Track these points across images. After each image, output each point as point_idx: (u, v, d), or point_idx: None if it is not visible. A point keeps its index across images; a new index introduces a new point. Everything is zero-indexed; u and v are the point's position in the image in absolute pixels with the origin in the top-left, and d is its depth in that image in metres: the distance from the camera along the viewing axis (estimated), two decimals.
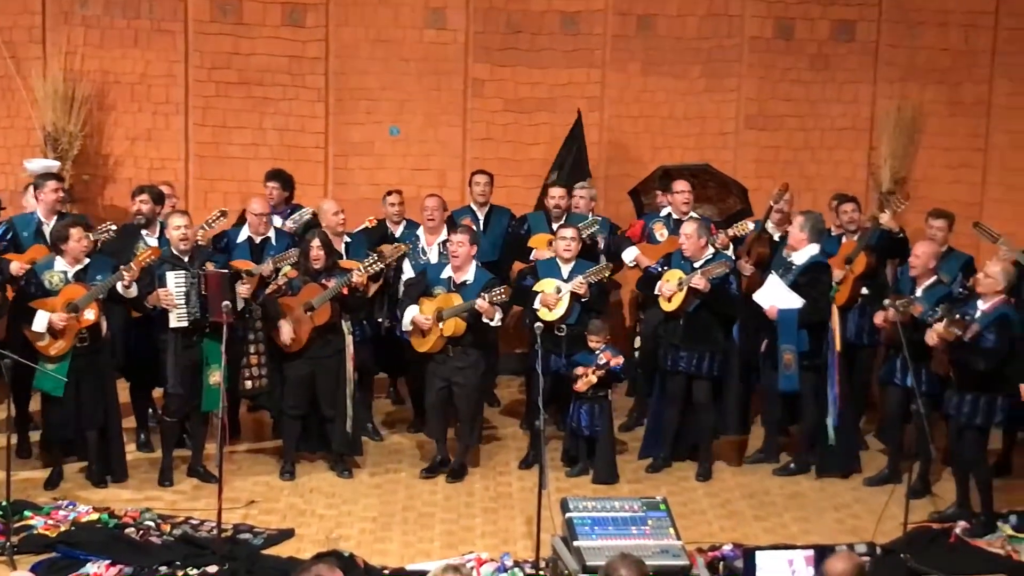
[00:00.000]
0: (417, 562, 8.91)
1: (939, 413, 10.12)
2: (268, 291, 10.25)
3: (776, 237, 11.26)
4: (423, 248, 11.19)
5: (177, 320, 9.84)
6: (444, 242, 11.09)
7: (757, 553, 7.75)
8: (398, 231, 11.38)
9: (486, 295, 10.05)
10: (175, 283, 9.81)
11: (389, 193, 11.53)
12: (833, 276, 10.53)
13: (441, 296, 10.27)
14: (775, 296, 10.37)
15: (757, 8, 12.78)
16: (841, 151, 12.89)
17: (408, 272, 11.01)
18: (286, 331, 10.06)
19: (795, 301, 10.30)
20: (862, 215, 11.28)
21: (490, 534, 9.50)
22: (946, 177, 12.62)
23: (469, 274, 10.35)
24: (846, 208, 11.16)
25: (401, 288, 10.90)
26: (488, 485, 10.37)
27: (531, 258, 11.22)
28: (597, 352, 10.33)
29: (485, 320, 10.15)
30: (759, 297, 10.42)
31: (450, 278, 10.36)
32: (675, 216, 11.39)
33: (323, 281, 10.16)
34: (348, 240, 11.08)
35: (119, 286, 9.66)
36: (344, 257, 10.76)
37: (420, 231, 11.29)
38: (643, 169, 12.54)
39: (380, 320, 11.19)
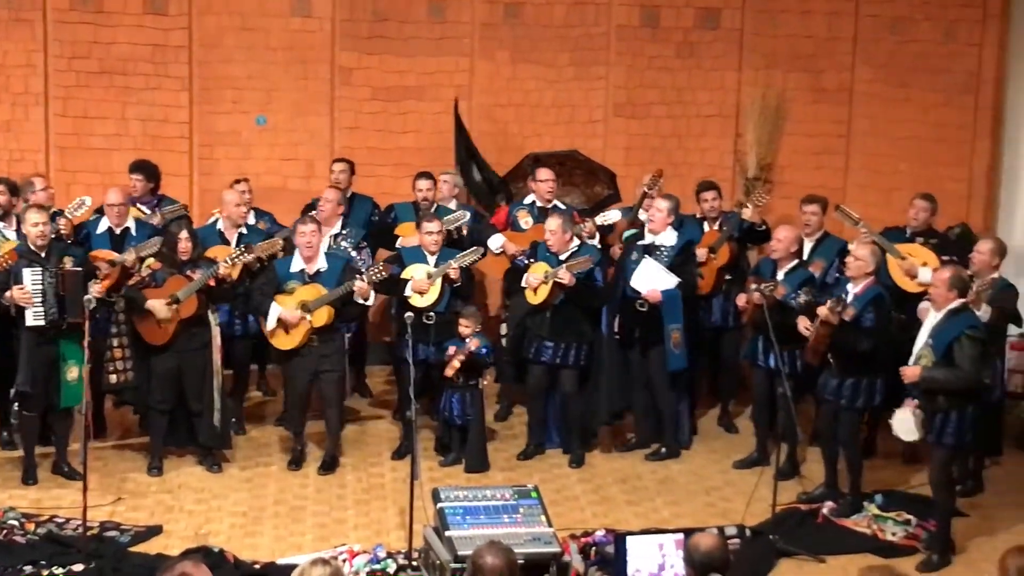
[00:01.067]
0: (288, 556, 8.81)
1: (805, 395, 10.28)
2: (131, 282, 10.06)
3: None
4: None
5: (34, 318, 9.62)
6: (336, 236, 11.01)
7: (628, 538, 7.79)
8: (250, 220, 11.21)
9: (364, 274, 9.99)
10: (31, 280, 9.58)
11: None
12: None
13: (301, 289, 10.17)
14: (653, 279, 10.46)
15: None
16: (708, 138, 13.01)
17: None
18: (160, 310, 9.83)
19: (672, 281, 10.43)
20: (722, 201, 11.41)
21: (363, 526, 9.44)
22: (810, 163, 12.80)
23: (321, 262, 10.28)
24: (707, 196, 11.30)
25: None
26: (360, 476, 10.30)
27: (397, 245, 11.14)
28: (467, 340, 10.31)
29: (359, 300, 10.11)
30: (636, 283, 10.49)
31: (303, 270, 10.27)
32: (539, 204, 11.41)
33: (188, 273, 10.00)
34: (243, 232, 10.94)
35: None
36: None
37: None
38: (513, 157, 12.53)
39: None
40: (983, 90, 11.86)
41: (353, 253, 10.97)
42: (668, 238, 10.60)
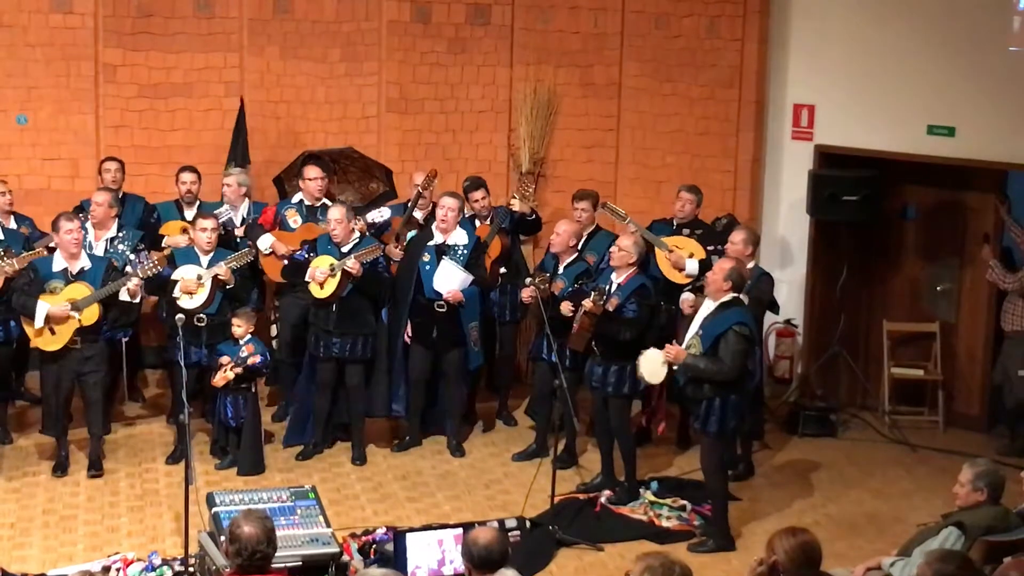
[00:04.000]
0: (60, 567, 8.64)
1: (582, 386, 10.44)
2: None
3: (422, 221, 11.34)
4: (91, 243, 10.69)
5: None
6: (112, 239, 10.73)
7: (407, 535, 7.81)
8: (10, 223, 10.84)
9: (138, 270, 9.79)
10: None
11: None
12: None
13: (67, 288, 9.89)
14: (452, 280, 10.51)
15: None
16: (482, 133, 13.07)
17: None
18: None
19: (468, 279, 10.53)
20: (491, 198, 11.46)
21: (137, 533, 9.26)
22: (581, 157, 12.96)
23: (83, 260, 10.04)
24: (476, 196, 11.32)
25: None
26: (134, 483, 10.08)
27: (163, 245, 10.90)
28: (241, 343, 10.17)
29: (127, 299, 9.91)
30: (438, 285, 10.51)
31: (66, 269, 9.99)
32: (308, 203, 11.30)
33: None
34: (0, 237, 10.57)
35: None
36: None
37: (88, 226, 10.75)
38: (287, 155, 12.38)
39: None
40: (746, 84, 12.17)
41: (132, 256, 10.69)
42: (460, 237, 10.68)
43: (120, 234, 10.84)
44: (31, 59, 12.24)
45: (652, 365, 9.27)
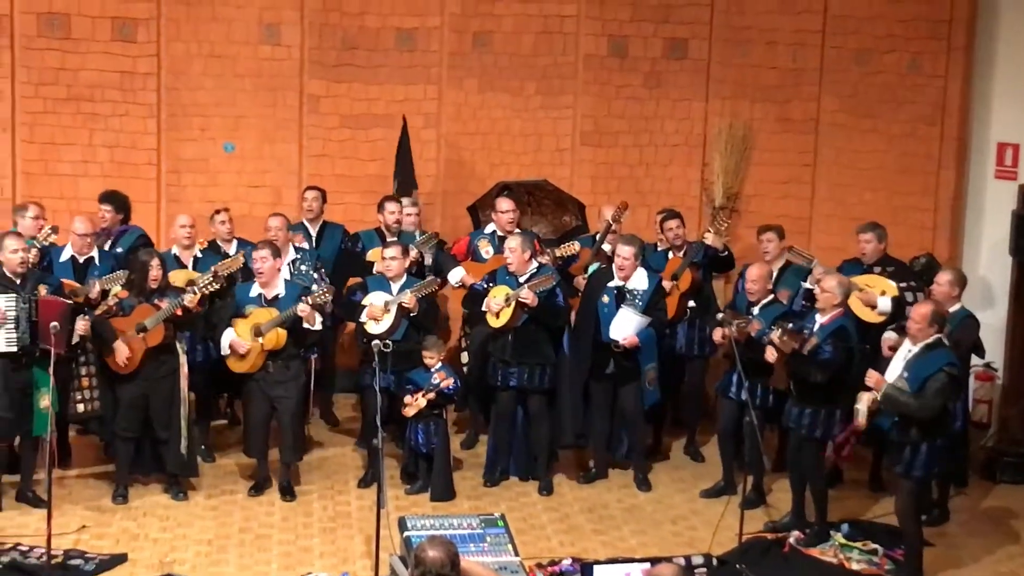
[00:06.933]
0: None
1: (772, 425, 10.32)
2: (98, 312, 10.00)
3: (610, 254, 11.34)
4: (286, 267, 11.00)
5: (6, 345, 9.57)
6: (292, 261, 11.01)
7: (595, 567, 7.80)
8: (231, 250, 11.21)
9: (308, 298, 10.00)
10: (5, 306, 9.54)
11: (217, 212, 11.35)
12: None
13: (255, 312, 10.16)
14: (628, 327, 10.48)
15: (592, 26, 12.90)
16: (675, 167, 13.06)
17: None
18: (122, 352, 9.84)
19: (646, 321, 10.49)
20: (686, 230, 11.41)
21: (329, 554, 9.41)
22: (776, 192, 12.87)
23: (279, 288, 10.29)
24: (671, 225, 11.26)
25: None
26: (326, 505, 10.27)
27: (375, 271, 11.11)
28: (432, 370, 10.30)
29: (306, 326, 10.09)
30: (615, 333, 10.49)
31: (260, 295, 10.26)
32: (500, 234, 11.40)
33: (156, 302, 9.97)
34: (198, 255, 10.93)
35: None
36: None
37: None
38: (481, 186, 12.56)
39: None
40: (948, 121, 11.96)
41: (314, 275, 10.95)
42: (640, 281, 10.59)
43: (299, 256, 11.11)
44: (239, 89, 12.67)
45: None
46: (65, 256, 10.67)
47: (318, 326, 10.23)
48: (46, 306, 9.61)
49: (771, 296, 10.37)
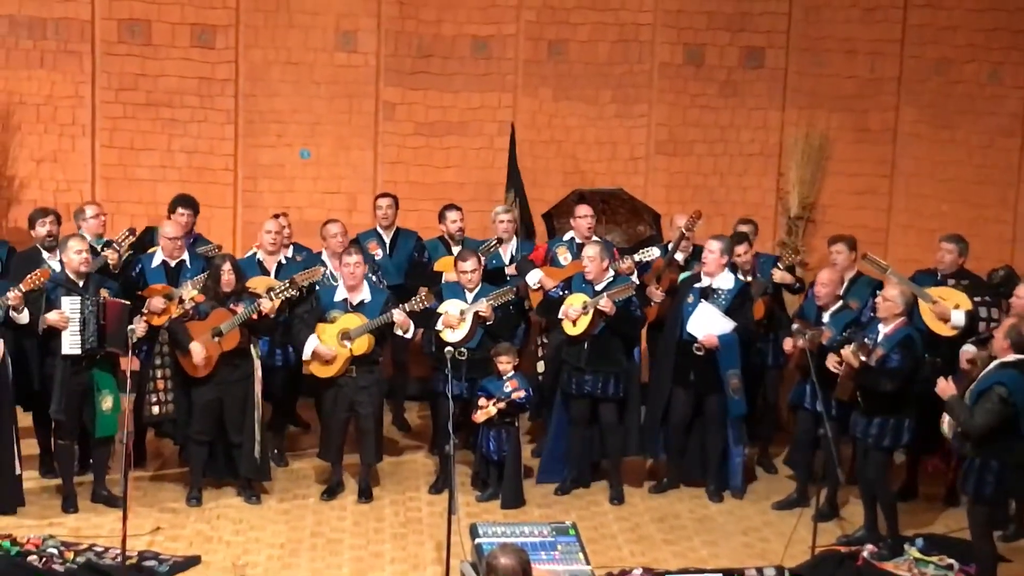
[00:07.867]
0: None
1: (847, 437, 10.23)
2: (175, 316, 10.12)
3: (683, 263, 11.29)
4: (331, 273, 11.06)
5: (70, 347, 9.68)
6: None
7: None
8: (288, 252, 11.25)
9: (405, 305, 10.03)
10: (70, 307, 9.66)
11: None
12: None
13: (343, 317, 10.21)
14: (709, 324, 10.40)
15: (667, 34, 12.87)
16: (750, 176, 13.00)
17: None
18: (199, 353, 9.92)
19: (728, 325, 10.38)
20: (752, 248, 11.23)
21: (399, 559, 9.43)
22: (852, 203, 12.76)
23: (364, 293, 10.34)
24: (739, 250, 10.97)
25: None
26: (398, 511, 10.30)
27: (444, 280, 11.14)
28: (504, 378, 10.31)
29: (399, 333, 10.12)
30: (693, 328, 10.42)
31: (346, 300, 10.31)
32: (578, 240, 11.39)
33: (231, 306, 10.05)
34: (283, 261, 11.04)
35: (9, 311, 9.48)
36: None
37: (324, 256, 11.16)
38: (555, 194, 12.56)
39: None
40: None
41: (373, 278, 10.99)
42: (725, 281, 10.52)
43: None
44: (315, 96, 12.76)
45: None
46: (156, 262, 10.76)
47: (410, 334, 10.28)
48: (113, 309, 9.72)
49: (840, 303, 10.28)
